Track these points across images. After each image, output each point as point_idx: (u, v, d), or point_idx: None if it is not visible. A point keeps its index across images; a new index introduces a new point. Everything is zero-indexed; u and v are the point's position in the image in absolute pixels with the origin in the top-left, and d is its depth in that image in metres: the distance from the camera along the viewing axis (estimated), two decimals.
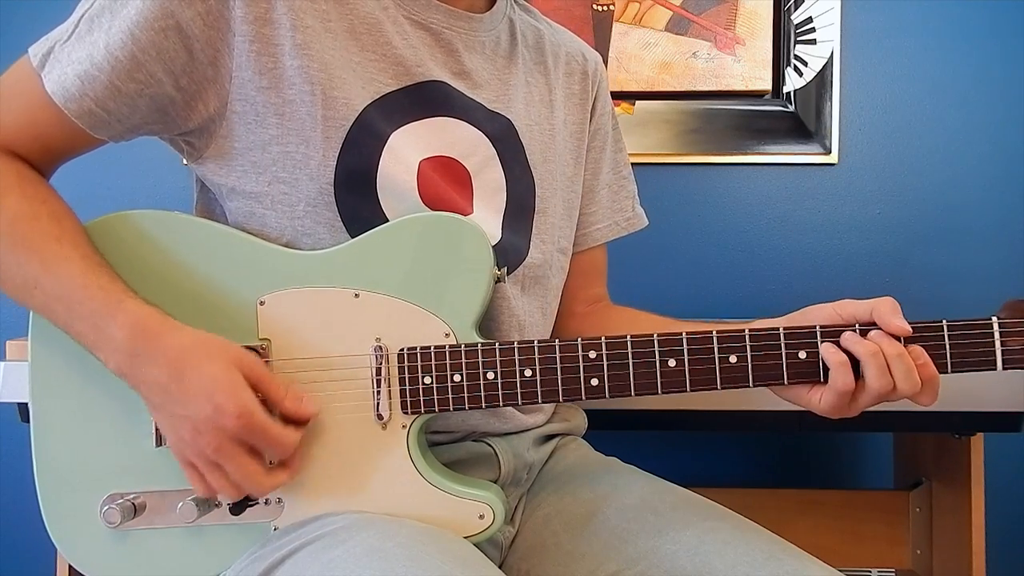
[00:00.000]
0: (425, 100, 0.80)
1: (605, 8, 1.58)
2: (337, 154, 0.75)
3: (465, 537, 0.73)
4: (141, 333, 0.69)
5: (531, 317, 0.86)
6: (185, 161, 0.81)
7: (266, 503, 0.75)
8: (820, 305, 0.75)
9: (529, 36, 0.92)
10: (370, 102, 0.76)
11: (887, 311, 0.71)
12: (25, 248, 0.72)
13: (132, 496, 0.75)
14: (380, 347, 0.74)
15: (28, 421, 0.77)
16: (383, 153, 0.77)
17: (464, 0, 0.83)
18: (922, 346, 0.71)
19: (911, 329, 0.71)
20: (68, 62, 0.73)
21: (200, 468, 0.70)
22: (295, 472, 0.72)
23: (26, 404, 0.77)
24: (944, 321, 0.72)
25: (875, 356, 0.70)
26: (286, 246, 0.76)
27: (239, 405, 0.67)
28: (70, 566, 0.78)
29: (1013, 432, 1.07)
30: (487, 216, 0.82)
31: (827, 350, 0.71)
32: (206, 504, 0.74)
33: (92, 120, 0.73)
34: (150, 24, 0.70)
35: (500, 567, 0.80)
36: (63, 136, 0.75)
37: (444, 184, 0.80)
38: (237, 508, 0.74)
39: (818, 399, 0.73)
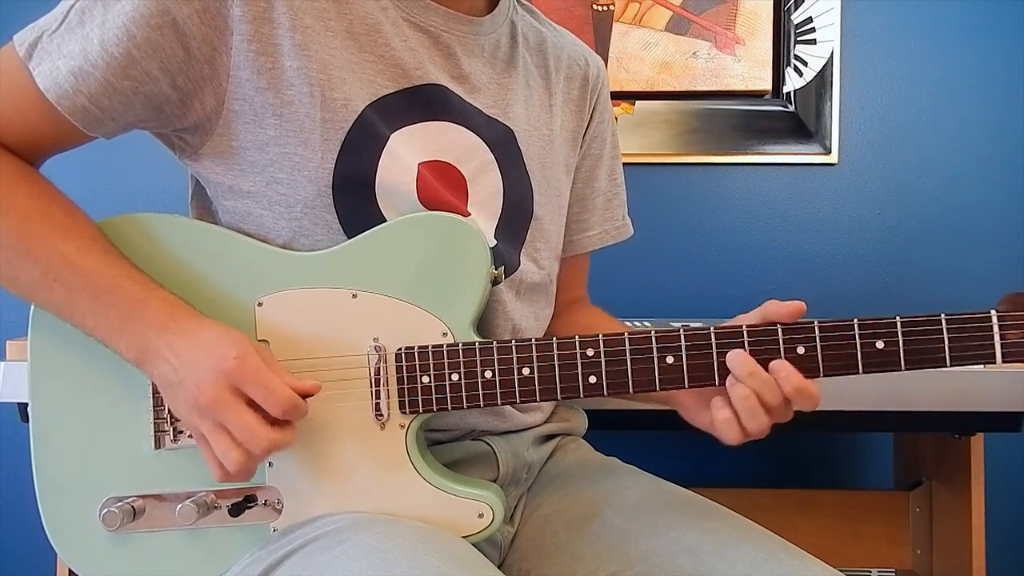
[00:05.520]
0: (423, 103, 0.79)
1: (605, 8, 1.58)
2: (336, 156, 0.75)
3: (464, 536, 0.73)
4: (174, 315, 0.70)
5: (525, 322, 0.86)
6: (177, 157, 0.80)
7: (265, 504, 0.75)
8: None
9: (531, 38, 0.91)
10: (368, 103, 0.76)
11: (771, 305, 0.73)
12: (41, 244, 0.71)
13: (131, 499, 0.75)
14: (378, 347, 0.74)
15: (28, 421, 0.77)
16: (382, 155, 0.76)
17: (464, 3, 0.83)
18: (920, 339, 0.71)
19: (804, 304, 0.72)
20: (59, 55, 0.71)
21: (207, 435, 0.68)
22: (293, 437, 0.69)
23: (26, 404, 0.77)
24: (943, 314, 0.71)
25: (746, 399, 0.71)
26: (283, 246, 0.76)
27: (239, 350, 0.67)
28: (69, 569, 0.77)
29: (1013, 432, 1.07)
30: (481, 222, 0.81)
31: (715, 405, 0.73)
32: (205, 506, 0.74)
33: (85, 117, 0.72)
34: (146, 21, 0.69)
35: (499, 567, 0.80)
36: (54, 131, 0.74)
37: (441, 188, 0.79)
38: (236, 509, 0.74)
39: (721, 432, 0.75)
